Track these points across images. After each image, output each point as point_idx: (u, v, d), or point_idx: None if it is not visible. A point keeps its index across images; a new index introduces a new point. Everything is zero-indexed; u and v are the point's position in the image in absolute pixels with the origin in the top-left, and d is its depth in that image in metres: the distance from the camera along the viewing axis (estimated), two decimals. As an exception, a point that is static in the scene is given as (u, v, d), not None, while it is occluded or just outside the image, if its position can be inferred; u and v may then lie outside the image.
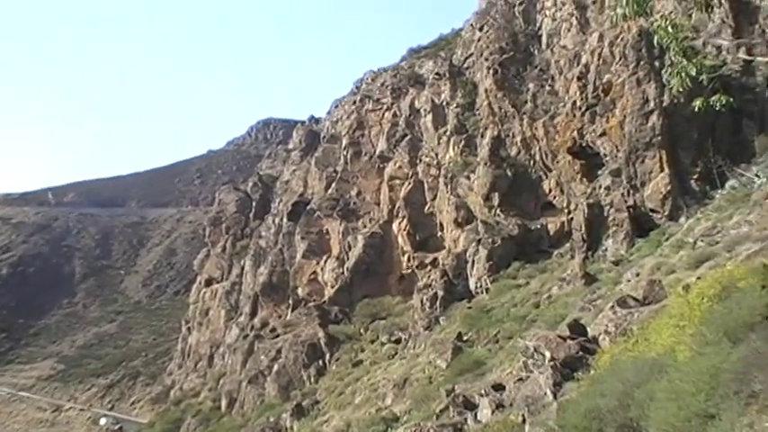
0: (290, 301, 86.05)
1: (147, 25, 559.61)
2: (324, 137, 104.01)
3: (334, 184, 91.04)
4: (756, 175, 44.07)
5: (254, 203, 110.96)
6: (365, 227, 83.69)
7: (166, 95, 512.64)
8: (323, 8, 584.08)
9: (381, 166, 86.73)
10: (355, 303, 77.96)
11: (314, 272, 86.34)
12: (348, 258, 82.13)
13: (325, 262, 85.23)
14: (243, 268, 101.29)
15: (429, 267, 74.11)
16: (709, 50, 47.89)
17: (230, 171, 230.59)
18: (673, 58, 15.43)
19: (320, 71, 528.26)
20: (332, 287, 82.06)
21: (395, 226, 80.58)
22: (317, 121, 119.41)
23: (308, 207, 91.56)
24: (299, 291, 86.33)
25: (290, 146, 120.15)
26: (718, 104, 15.06)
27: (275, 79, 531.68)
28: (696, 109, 15.67)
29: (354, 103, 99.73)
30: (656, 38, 15.21)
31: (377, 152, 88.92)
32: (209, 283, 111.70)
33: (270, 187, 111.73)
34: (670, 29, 14.36)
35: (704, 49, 47.57)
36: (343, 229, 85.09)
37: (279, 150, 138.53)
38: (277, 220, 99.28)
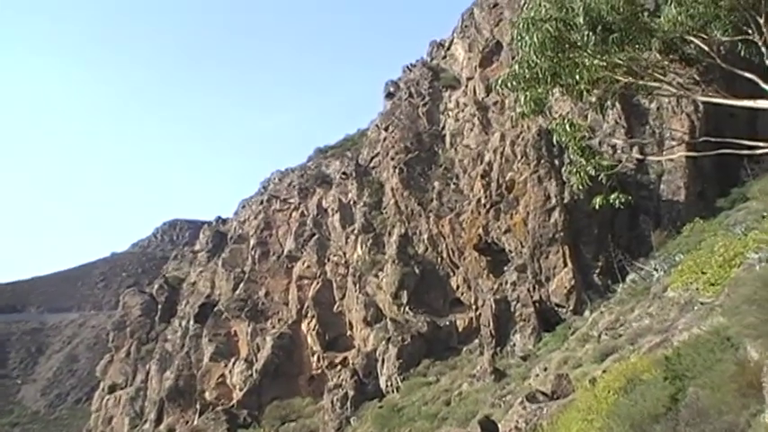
0: (198, 406, 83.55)
1: (47, 124, 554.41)
2: (231, 237, 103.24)
3: (241, 285, 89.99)
4: (654, 269, 45.34)
5: (159, 306, 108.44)
6: (274, 327, 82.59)
7: (68, 197, 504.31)
8: (226, 107, 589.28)
9: (289, 265, 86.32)
10: (265, 406, 76.18)
11: (222, 375, 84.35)
12: (257, 360, 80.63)
13: (234, 364, 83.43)
14: (148, 373, 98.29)
15: (339, 367, 73.34)
16: (605, 149, 49.69)
17: (135, 273, 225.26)
18: (572, 157, 16.03)
19: (227, 171, 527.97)
20: (240, 390, 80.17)
21: (304, 326, 79.79)
22: (224, 221, 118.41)
23: (216, 309, 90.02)
24: (207, 395, 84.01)
25: (197, 247, 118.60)
26: (616, 202, 15.63)
27: (181, 180, 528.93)
28: (597, 206, 16.24)
29: (262, 202, 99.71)
30: (554, 137, 15.78)
31: (285, 252, 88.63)
32: (112, 389, 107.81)
33: (176, 289, 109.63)
34: (568, 128, 14.94)
35: (600, 148, 49.36)
36: (251, 331, 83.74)
37: (185, 252, 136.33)
38: (184, 323, 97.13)
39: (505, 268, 60.77)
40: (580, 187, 15.81)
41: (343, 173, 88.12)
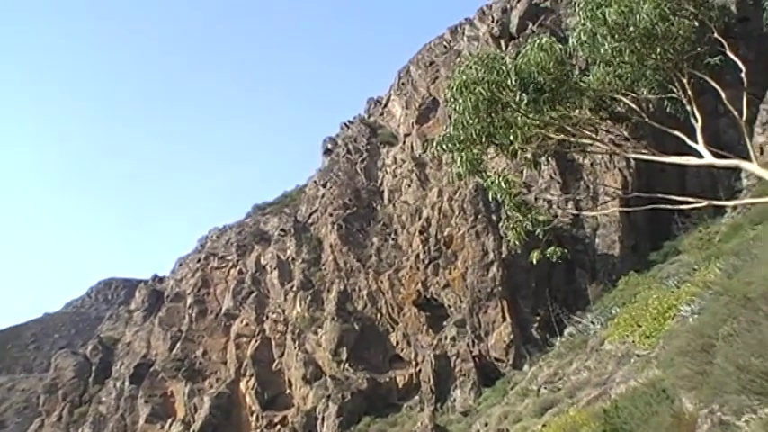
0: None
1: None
2: (168, 296, 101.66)
3: (178, 344, 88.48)
4: (591, 322, 45.85)
5: (93, 367, 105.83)
6: (211, 387, 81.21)
7: None
8: (161, 164, 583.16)
9: (228, 323, 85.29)
10: (202, 468, 74.66)
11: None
12: (194, 421, 79.02)
13: (170, 425, 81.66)
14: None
15: (278, 426, 72.24)
16: (540, 205, 50.41)
17: (68, 334, 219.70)
18: (508, 213, 16.26)
19: (163, 229, 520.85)
20: (177, 452, 78.48)
21: (242, 385, 78.61)
22: (161, 279, 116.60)
23: (152, 369, 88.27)
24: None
25: (133, 306, 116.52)
26: (554, 256, 15.88)
27: (116, 238, 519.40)
28: (534, 261, 16.47)
29: (199, 260, 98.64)
30: (490, 193, 16.01)
31: (223, 310, 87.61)
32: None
33: (111, 350, 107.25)
34: (503, 184, 15.16)
35: (536, 204, 50.10)
36: (188, 391, 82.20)
37: (120, 311, 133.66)
38: (119, 384, 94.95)
39: (444, 323, 60.94)
40: (517, 242, 16.00)
41: (282, 230, 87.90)
